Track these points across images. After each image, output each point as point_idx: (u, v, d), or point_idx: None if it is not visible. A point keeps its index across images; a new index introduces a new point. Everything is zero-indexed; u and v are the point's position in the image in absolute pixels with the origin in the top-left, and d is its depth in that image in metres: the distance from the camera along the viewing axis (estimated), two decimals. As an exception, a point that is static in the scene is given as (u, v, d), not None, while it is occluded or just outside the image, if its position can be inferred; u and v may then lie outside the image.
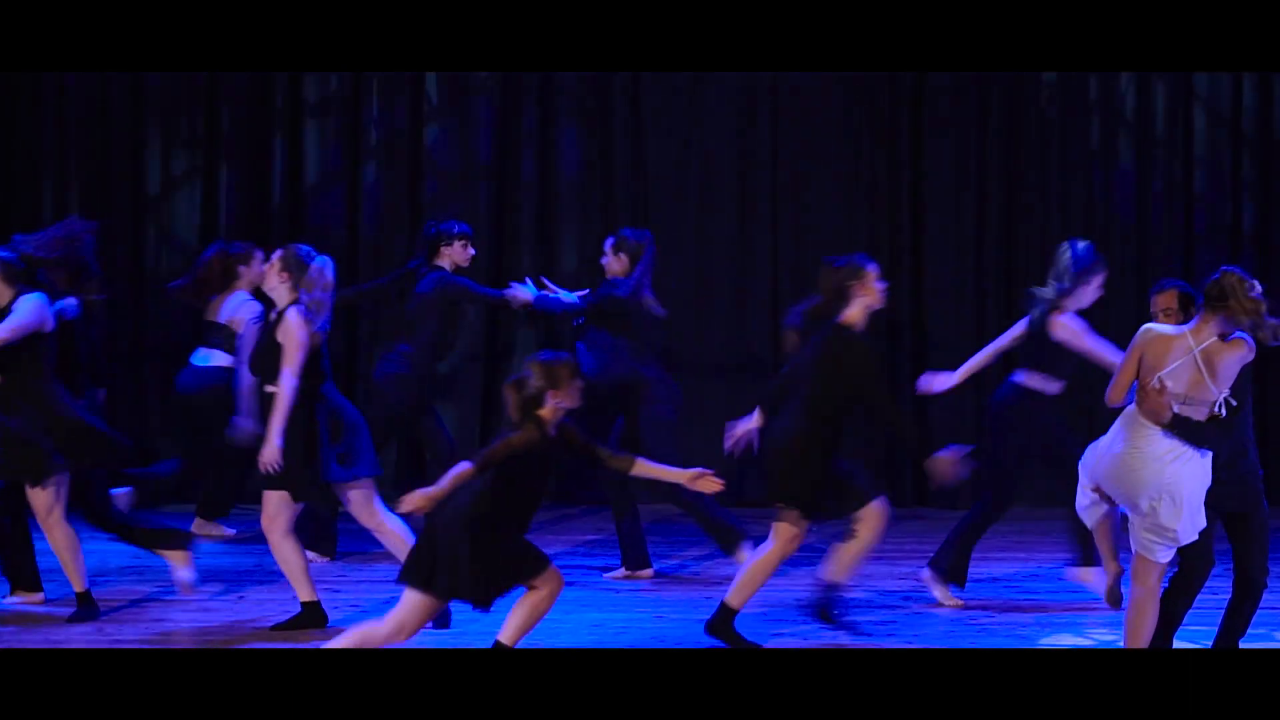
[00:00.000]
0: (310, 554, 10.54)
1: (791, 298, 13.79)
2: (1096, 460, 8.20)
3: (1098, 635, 9.31)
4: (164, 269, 13.60)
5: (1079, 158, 13.83)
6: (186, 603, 10.10)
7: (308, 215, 13.70)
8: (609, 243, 11.07)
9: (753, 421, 9.37)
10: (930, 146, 13.74)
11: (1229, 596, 8.41)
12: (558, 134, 13.83)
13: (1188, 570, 8.18)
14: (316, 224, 13.68)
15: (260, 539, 12.29)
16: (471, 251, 11.47)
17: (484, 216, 13.72)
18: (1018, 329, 10.20)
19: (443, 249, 11.34)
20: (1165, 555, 8.06)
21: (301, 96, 13.69)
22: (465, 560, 7.91)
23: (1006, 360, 10.59)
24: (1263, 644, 8.95)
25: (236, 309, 11.63)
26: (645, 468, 8.41)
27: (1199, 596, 8.34)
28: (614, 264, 10.97)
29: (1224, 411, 8.00)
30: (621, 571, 11.01)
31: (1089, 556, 9.99)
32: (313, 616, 9.49)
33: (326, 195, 13.75)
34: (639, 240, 10.99)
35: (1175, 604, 8.22)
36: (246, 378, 10.69)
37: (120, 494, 11.01)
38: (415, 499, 7.82)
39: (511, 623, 8.25)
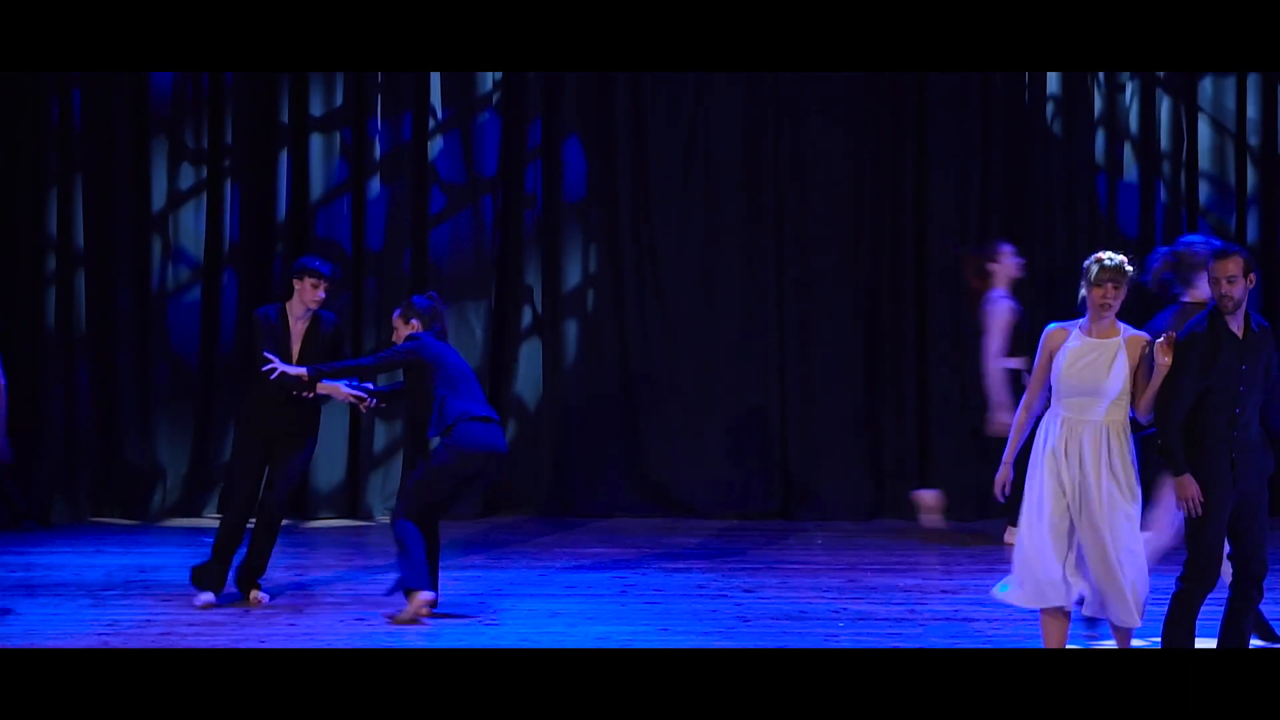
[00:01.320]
0: None
1: (796, 304, 13.84)
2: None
3: (1098, 643, 9.30)
4: (169, 283, 13.61)
5: (1083, 171, 13.83)
6: (192, 616, 10.11)
7: (313, 229, 13.71)
8: (397, 312, 10.53)
9: None
10: (934, 161, 13.74)
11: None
12: (562, 146, 13.84)
13: (1193, 575, 8.19)
14: (322, 237, 13.69)
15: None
16: (320, 295, 10.49)
17: (488, 229, 13.73)
18: None
19: (293, 282, 10.57)
20: None
21: (306, 110, 13.69)
22: None
23: None
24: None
25: (991, 306, 12.19)
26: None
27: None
28: (402, 330, 10.51)
29: None
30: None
31: None
32: None
33: (332, 209, 13.75)
34: (426, 306, 10.45)
35: (1189, 602, 8.23)
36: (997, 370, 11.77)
37: None
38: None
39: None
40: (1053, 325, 8.56)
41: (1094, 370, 8.34)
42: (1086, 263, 8.43)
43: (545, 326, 13.90)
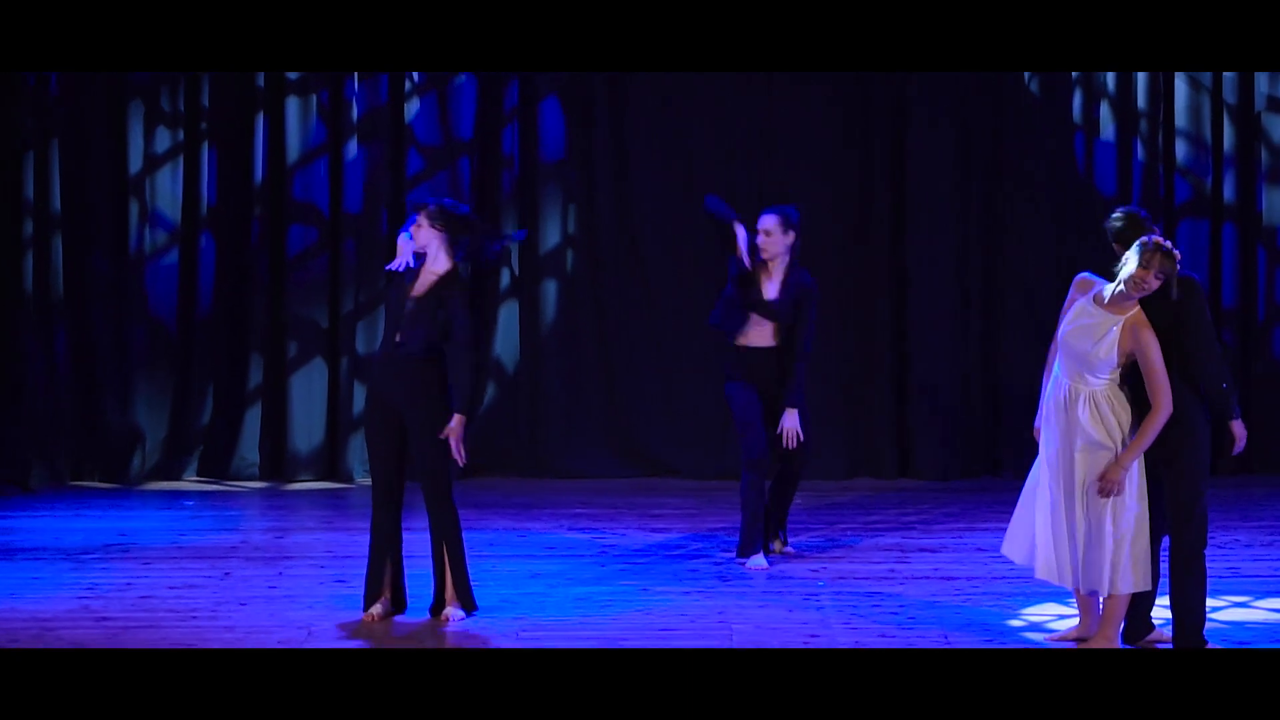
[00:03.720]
0: None
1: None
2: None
3: (1081, 604, 9.33)
4: (146, 247, 13.59)
5: (1061, 130, 13.83)
6: (172, 579, 10.11)
7: (290, 191, 13.68)
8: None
9: None
10: (914, 122, 13.71)
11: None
12: (539, 109, 13.81)
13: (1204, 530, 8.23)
14: (299, 200, 13.67)
15: (245, 515, 12.36)
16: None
17: (466, 192, 13.71)
18: None
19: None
20: None
21: (282, 73, 13.65)
22: None
23: None
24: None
25: None
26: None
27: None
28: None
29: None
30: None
31: None
32: None
33: (309, 171, 13.72)
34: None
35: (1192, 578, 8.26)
36: None
37: None
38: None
39: None
40: (1085, 274, 8.45)
41: (1086, 334, 8.27)
42: (1149, 239, 8.19)
43: (523, 288, 13.89)
